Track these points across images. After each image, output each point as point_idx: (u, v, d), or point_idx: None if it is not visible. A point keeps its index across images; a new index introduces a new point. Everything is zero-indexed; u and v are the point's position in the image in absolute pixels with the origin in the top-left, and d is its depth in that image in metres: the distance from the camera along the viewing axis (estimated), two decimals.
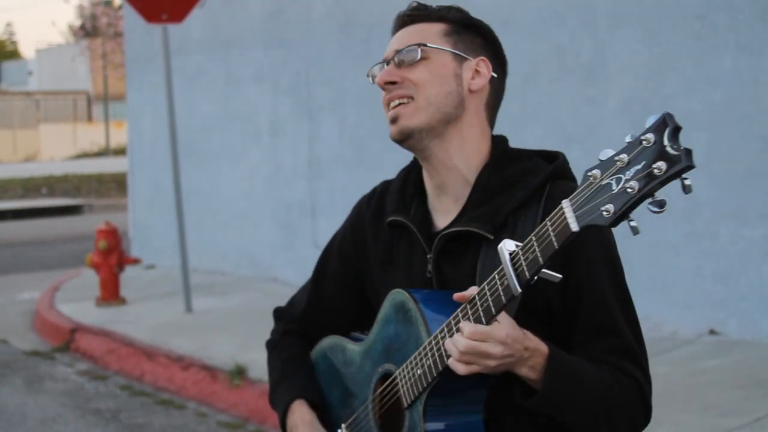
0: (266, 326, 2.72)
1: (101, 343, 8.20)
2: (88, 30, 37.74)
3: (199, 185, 11.13)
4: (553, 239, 1.88)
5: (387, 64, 2.30)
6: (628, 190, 1.77)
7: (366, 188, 2.61)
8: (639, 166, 1.78)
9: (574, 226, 1.84)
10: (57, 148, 40.97)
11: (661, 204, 1.77)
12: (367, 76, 2.39)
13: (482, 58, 2.28)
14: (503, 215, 2.18)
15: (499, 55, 2.33)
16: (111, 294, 9.50)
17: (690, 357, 6.24)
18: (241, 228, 10.70)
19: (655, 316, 6.58)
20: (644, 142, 1.79)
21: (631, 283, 2.25)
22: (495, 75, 2.29)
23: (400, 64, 2.27)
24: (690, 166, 1.73)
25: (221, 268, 10.87)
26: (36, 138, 42.25)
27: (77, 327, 8.69)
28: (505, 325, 2.00)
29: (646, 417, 2.19)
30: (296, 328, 2.62)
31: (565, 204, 1.86)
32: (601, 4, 7.19)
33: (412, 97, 2.25)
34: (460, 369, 2.02)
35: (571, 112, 7.40)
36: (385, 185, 2.49)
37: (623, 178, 1.79)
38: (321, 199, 9.70)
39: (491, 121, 2.33)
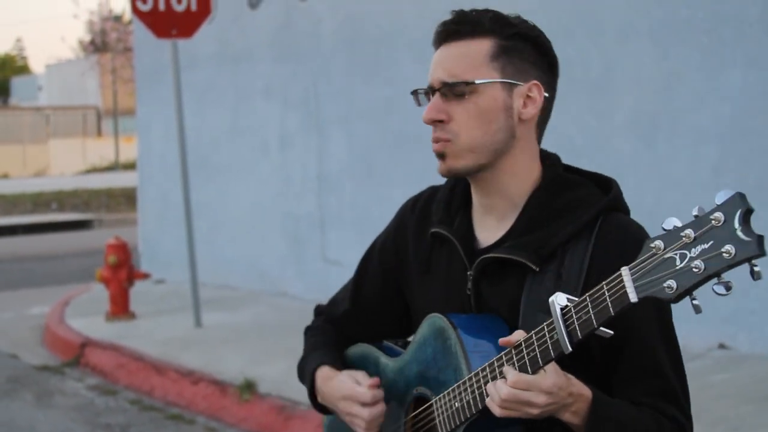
0: (276, 340, 2.73)
1: (111, 358, 8.21)
2: (97, 45, 37.90)
3: (209, 199, 11.15)
4: (609, 306, 1.84)
5: (432, 93, 2.19)
6: (694, 269, 1.73)
7: (375, 202, 2.62)
8: (706, 246, 1.73)
9: (633, 298, 1.81)
10: (67, 163, 41.06)
11: (727, 286, 1.74)
12: (413, 94, 2.26)
13: (534, 82, 2.17)
14: (551, 247, 2.11)
15: (551, 61, 2.23)
16: (121, 309, 9.51)
17: (700, 371, 6.22)
18: (250, 242, 10.71)
19: None
20: (713, 221, 1.73)
21: None
22: (546, 95, 2.19)
23: (446, 96, 2.16)
24: (760, 255, 1.69)
25: (231, 283, 10.88)
26: (46, 153, 42.34)
27: (87, 342, 8.70)
28: (551, 374, 1.95)
29: None
30: (336, 326, 2.55)
31: (625, 273, 1.82)
32: (609, 18, 7.21)
33: (450, 140, 2.16)
34: (498, 412, 1.98)
35: (579, 126, 7.40)
36: (432, 191, 2.41)
37: (688, 255, 1.74)
38: (330, 212, 9.71)
39: (540, 139, 2.25)
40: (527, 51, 2.18)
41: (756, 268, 1.71)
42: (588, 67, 7.34)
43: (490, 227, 2.24)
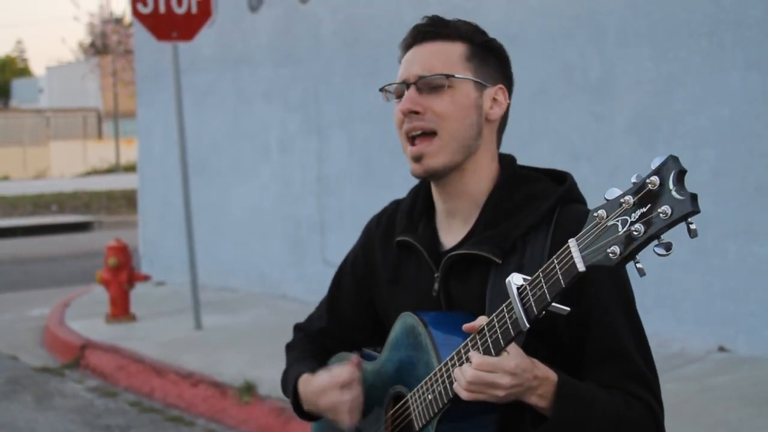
0: (276, 343, 2.75)
1: (111, 360, 8.22)
2: (98, 47, 37.89)
3: (209, 202, 11.16)
4: (560, 278, 1.88)
5: (407, 87, 2.25)
6: (634, 233, 1.78)
7: (375, 204, 2.63)
8: (644, 209, 1.78)
9: (581, 267, 1.85)
10: (67, 165, 41.09)
11: (667, 247, 1.78)
12: (381, 90, 2.34)
13: (500, 86, 2.27)
14: (512, 240, 2.18)
15: (510, 76, 2.32)
16: (121, 311, 9.52)
17: (699, 374, 6.23)
18: (250, 245, 10.72)
19: (664, 333, 6.58)
20: (649, 185, 1.77)
21: (640, 301, 2.25)
22: (508, 101, 2.28)
23: (422, 91, 2.23)
24: (695, 212, 1.73)
25: (231, 285, 10.89)
26: (46, 155, 42.37)
27: (87, 343, 8.71)
28: (513, 355, 2.00)
29: None
30: (316, 342, 2.62)
31: (572, 243, 1.87)
32: (609, 21, 7.21)
33: (434, 132, 2.21)
34: (464, 396, 2.02)
35: (579, 129, 7.41)
36: (395, 205, 2.49)
37: (629, 221, 1.79)
38: (330, 215, 9.72)
39: (499, 143, 2.33)
40: (494, 60, 2.28)
41: (692, 226, 1.76)
42: (588, 70, 7.35)
43: (453, 230, 2.30)
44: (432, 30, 2.27)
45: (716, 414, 5.54)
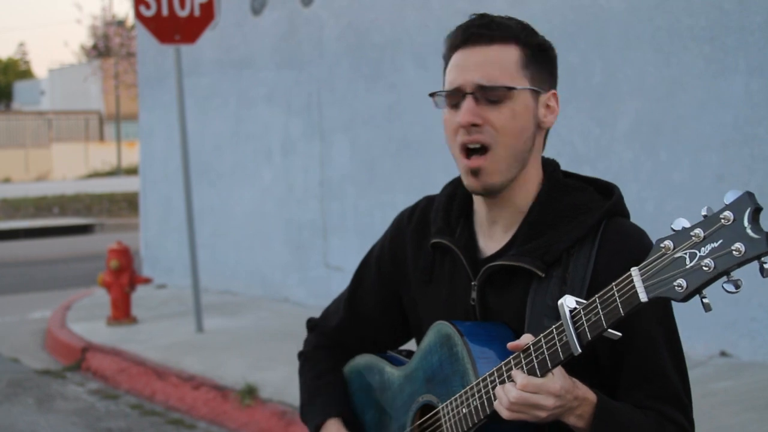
0: (277, 346, 2.72)
1: (112, 363, 8.21)
2: (100, 50, 37.93)
3: (211, 205, 11.16)
4: (620, 306, 1.85)
5: (463, 96, 2.14)
6: (704, 268, 1.75)
7: (378, 208, 2.61)
8: (716, 245, 1.74)
9: (643, 297, 1.82)
10: (69, 167, 41.10)
11: (737, 284, 1.75)
12: (431, 96, 2.20)
13: (554, 91, 2.20)
14: (556, 253, 2.12)
15: (557, 75, 2.24)
16: (122, 313, 9.52)
17: (701, 379, 6.22)
18: (252, 248, 10.72)
19: None
20: (723, 220, 1.74)
21: None
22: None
23: (479, 101, 2.13)
24: None
25: (232, 288, 10.89)
26: (48, 157, 42.38)
27: (88, 346, 8.71)
28: (558, 376, 1.96)
29: None
30: (330, 341, 2.54)
31: (635, 273, 1.83)
32: (612, 25, 7.22)
33: (490, 146, 2.13)
34: (506, 415, 1.99)
35: (581, 134, 7.41)
36: (429, 201, 2.40)
37: (698, 254, 1.76)
38: (332, 219, 9.71)
39: (543, 147, 2.26)
40: (547, 62, 2.21)
41: (766, 265, 1.72)
42: (590, 75, 7.35)
43: (493, 236, 2.24)
44: (486, 33, 2.15)
45: (718, 419, 5.53)
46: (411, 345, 2.47)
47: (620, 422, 2.04)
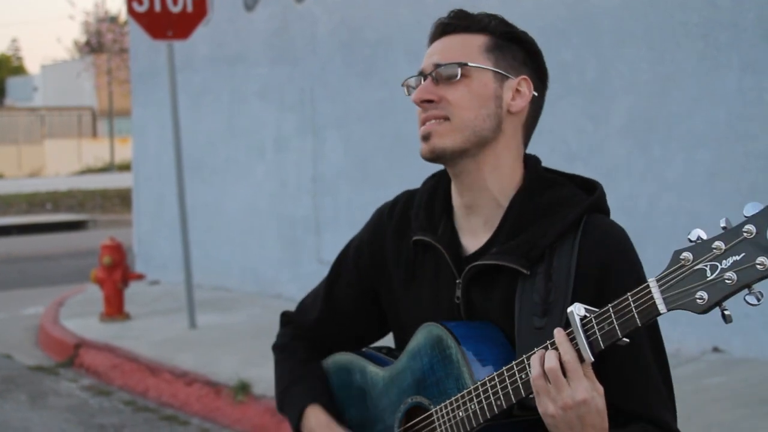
0: (270, 342, 2.68)
1: (105, 359, 8.21)
2: (93, 46, 37.87)
3: (204, 201, 11.15)
4: (636, 316, 1.85)
5: (424, 78, 2.19)
6: (727, 281, 1.75)
7: (371, 204, 2.57)
8: (738, 258, 1.74)
9: (662, 309, 1.83)
10: (62, 163, 41.05)
11: (758, 297, 1.75)
12: (402, 86, 2.26)
13: (524, 77, 2.18)
14: (540, 249, 2.10)
15: (540, 70, 2.23)
16: (115, 309, 9.51)
17: (694, 374, 6.24)
18: (245, 244, 10.71)
19: None
20: (745, 234, 1.74)
21: None
22: (536, 94, 2.20)
23: (438, 81, 2.16)
24: None
25: (225, 284, 10.89)
26: (41, 153, 42.33)
27: (81, 342, 8.70)
28: (599, 390, 1.94)
29: None
30: (307, 335, 2.51)
31: (653, 284, 1.83)
32: (605, 22, 7.22)
33: (447, 118, 2.15)
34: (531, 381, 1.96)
35: (574, 130, 7.42)
36: (409, 196, 2.38)
37: (719, 267, 1.76)
38: (325, 215, 9.71)
39: (526, 141, 2.24)
40: (520, 52, 2.20)
41: None
42: (583, 71, 7.36)
43: (475, 231, 2.21)
44: (454, 23, 2.20)
45: (710, 414, 5.55)
46: (388, 341, 2.43)
47: None
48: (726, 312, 1.79)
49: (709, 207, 6.53)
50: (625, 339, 1.89)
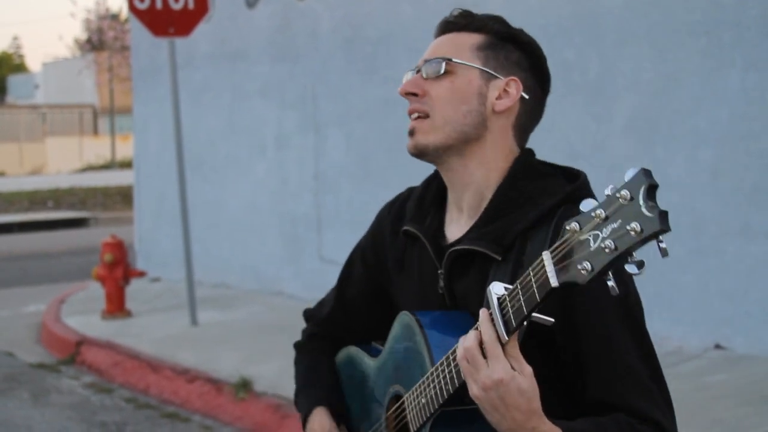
0: (272, 339, 2.72)
1: (107, 356, 8.21)
2: (94, 44, 37.89)
3: (205, 198, 11.15)
4: (536, 292, 1.80)
5: (416, 72, 2.23)
6: (605, 249, 1.68)
7: (372, 202, 2.61)
8: (615, 225, 1.68)
9: (554, 282, 1.76)
10: (63, 161, 41.04)
11: (639, 265, 1.69)
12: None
13: (513, 78, 2.17)
14: (512, 236, 2.09)
15: (540, 72, 2.22)
16: (116, 307, 9.51)
17: (696, 372, 6.23)
18: (246, 241, 10.71)
19: (661, 331, 6.57)
20: (621, 200, 1.68)
21: None
22: (526, 95, 2.18)
23: (425, 76, 2.20)
24: (664, 230, 1.63)
25: (227, 282, 10.88)
26: (42, 151, 42.32)
27: (83, 340, 8.70)
28: (526, 375, 1.89)
29: None
30: (323, 331, 2.57)
31: (546, 256, 1.78)
32: (607, 21, 7.21)
33: (428, 115, 2.18)
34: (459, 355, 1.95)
35: (577, 129, 7.41)
36: (410, 191, 2.43)
37: (600, 235, 1.70)
38: (327, 212, 9.71)
39: (521, 142, 2.23)
40: (514, 53, 2.20)
41: (662, 245, 1.66)
42: (586, 70, 7.35)
43: (458, 222, 2.24)
44: (454, 21, 2.23)
45: (713, 412, 5.54)
46: None
47: None
48: (610, 283, 1.71)
49: (712, 205, 6.53)
50: (543, 317, 1.83)
